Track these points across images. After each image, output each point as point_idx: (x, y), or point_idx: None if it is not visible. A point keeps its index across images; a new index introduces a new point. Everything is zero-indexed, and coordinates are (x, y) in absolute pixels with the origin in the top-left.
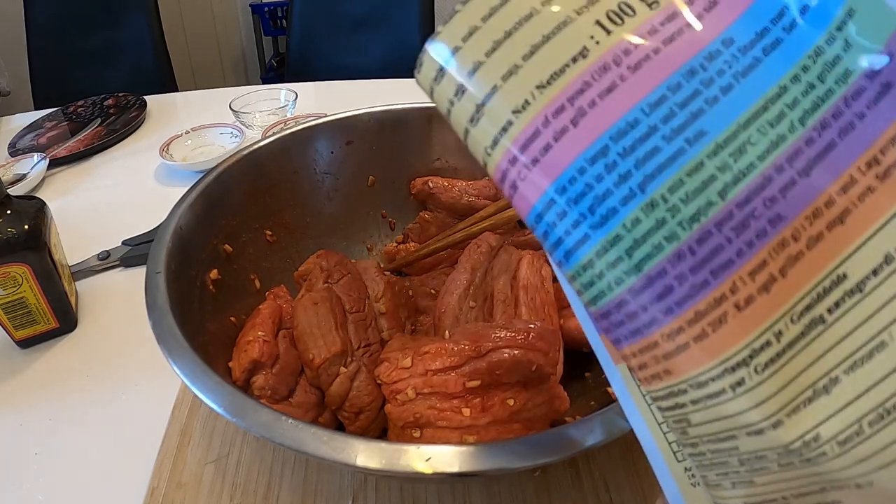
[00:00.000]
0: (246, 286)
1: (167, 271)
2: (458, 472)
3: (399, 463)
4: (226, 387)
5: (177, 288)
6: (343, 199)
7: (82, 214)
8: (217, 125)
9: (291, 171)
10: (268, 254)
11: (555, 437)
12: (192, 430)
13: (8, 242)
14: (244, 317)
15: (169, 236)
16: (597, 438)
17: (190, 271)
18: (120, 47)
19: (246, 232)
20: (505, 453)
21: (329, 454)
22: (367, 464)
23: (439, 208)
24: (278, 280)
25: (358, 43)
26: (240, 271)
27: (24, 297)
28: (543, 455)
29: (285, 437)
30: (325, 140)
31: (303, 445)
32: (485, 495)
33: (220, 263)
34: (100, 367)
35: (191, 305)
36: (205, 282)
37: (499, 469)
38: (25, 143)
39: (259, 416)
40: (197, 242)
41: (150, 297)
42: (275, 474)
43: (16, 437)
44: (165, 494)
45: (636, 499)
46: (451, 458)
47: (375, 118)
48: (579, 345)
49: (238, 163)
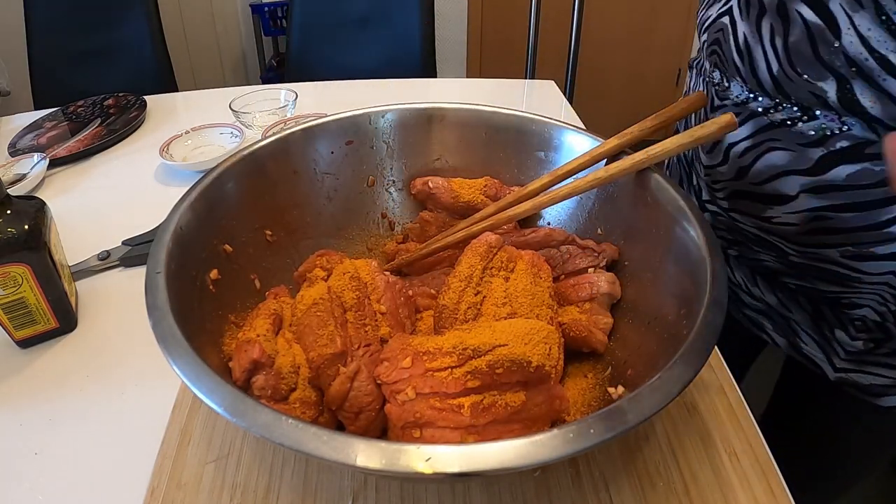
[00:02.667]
0: (246, 286)
1: (167, 271)
2: (458, 472)
3: (399, 463)
4: (226, 387)
5: (177, 288)
6: (343, 199)
7: (82, 214)
8: (217, 125)
9: (291, 172)
10: (268, 254)
11: (555, 438)
12: (192, 430)
13: (8, 242)
14: (244, 316)
15: (169, 236)
16: (597, 438)
17: (190, 271)
18: (120, 47)
19: (246, 232)
20: (505, 453)
21: (329, 454)
22: (367, 464)
23: (439, 208)
24: (278, 280)
25: (358, 43)
26: (240, 271)
27: (24, 297)
28: (543, 455)
29: (285, 436)
30: (324, 140)
31: (302, 445)
32: (485, 495)
33: (221, 263)
34: (100, 367)
35: (191, 305)
36: (205, 282)
37: (499, 469)
38: (25, 143)
39: (259, 416)
40: (197, 242)
41: (150, 298)
42: (275, 474)
43: (16, 437)
44: (165, 494)
45: (636, 499)
46: (451, 458)
47: (375, 118)
48: (579, 345)
49: (238, 163)
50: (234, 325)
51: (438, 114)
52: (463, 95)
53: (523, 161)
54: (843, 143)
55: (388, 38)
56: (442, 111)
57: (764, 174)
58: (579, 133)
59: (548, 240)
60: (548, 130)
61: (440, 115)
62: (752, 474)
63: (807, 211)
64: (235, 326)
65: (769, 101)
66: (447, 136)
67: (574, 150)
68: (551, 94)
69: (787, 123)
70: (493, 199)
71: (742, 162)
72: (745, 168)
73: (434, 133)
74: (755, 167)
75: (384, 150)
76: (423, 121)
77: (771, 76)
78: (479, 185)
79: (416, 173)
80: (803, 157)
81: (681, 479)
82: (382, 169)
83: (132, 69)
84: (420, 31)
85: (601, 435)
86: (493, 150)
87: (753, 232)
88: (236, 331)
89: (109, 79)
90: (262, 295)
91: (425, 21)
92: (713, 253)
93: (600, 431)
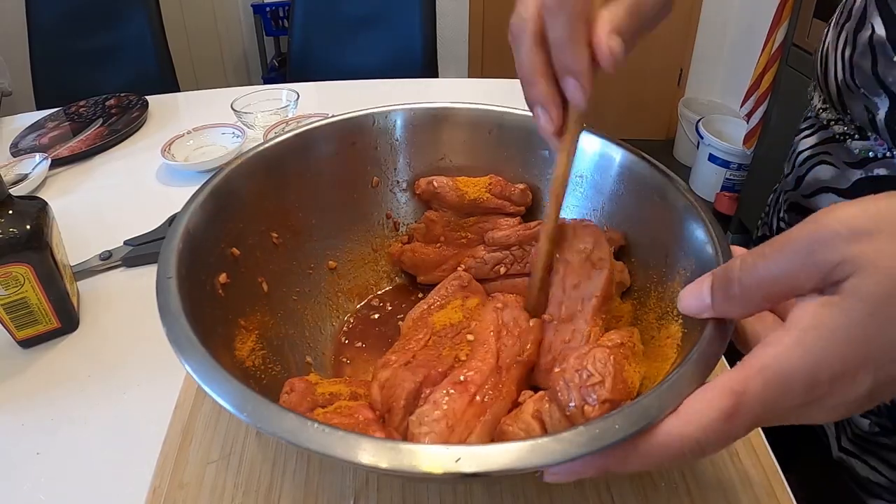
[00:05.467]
0: (254, 289)
1: (178, 275)
2: (469, 472)
3: (405, 462)
4: (245, 391)
5: (187, 292)
6: (347, 200)
7: (84, 214)
8: (219, 125)
9: (295, 173)
10: (274, 257)
11: (561, 441)
12: (194, 430)
13: (10, 242)
14: (254, 320)
15: (178, 239)
16: (602, 442)
17: (199, 275)
18: (121, 47)
19: (253, 235)
20: (511, 454)
21: (335, 452)
22: (377, 463)
23: (445, 207)
24: (286, 283)
25: (359, 43)
26: (247, 274)
27: (26, 297)
28: (551, 457)
29: (311, 441)
30: (328, 141)
31: (327, 449)
32: (486, 496)
33: (229, 267)
34: (101, 367)
35: (202, 309)
36: (214, 285)
37: (506, 470)
38: (27, 144)
39: (283, 421)
40: (206, 246)
41: (161, 300)
42: (276, 474)
43: (17, 437)
44: (167, 494)
45: (637, 499)
46: (457, 458)
47: (380, 118)
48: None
49: (243, 165)
50: (243, 329)
51: (442, 113)
52: (465, 95)
53: (528, 159)
54: (881, 170)
55: (390, 38)
56: (447, 111)
57: (811, 186)
58: (586, 133)
59: None
60: None
61: (444, 115)
62: (753, 475)
63: None
64: (245, 331)
65: (834, 112)
66: (451, 135)
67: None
68: None
69: (841, 138)
70: (498, 197)
71: (800, 171)
72: (801, 178)
73: (440, 133)
74: (807, 178)
75: (388, 150)
76: (427, 120)
77: (836, 85)
78: (483, 183)
79: (420, 173)
80: (844, 176)
81: (682, 480)
82: (386, 169)
83: (134, 69)
84: (421, 31)
85: (608, 439)
86: (499, 150)
87: None
88: (246, 335)
89: (111, 79)
90: (270, 298)
91: (427, 21)
92: (723, 249)
93: (608, 436)
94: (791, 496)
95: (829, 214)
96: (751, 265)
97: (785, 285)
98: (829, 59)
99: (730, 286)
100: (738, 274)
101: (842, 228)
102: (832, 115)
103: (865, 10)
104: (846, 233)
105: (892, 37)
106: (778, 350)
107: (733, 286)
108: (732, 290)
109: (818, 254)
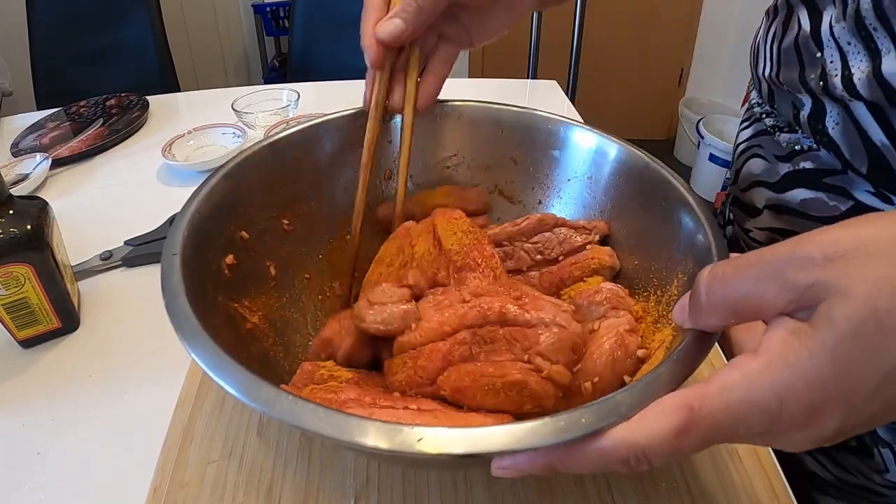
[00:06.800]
0: (261, 272)
1: (182, 254)
2: (461, 453)
3: (405, 444)
4: (240, 369)
5: (192, 270)
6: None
7: (85, 214)
8: (219, 125)
9: (309, 163)
10: (284, 242)
11: (557, 422)
12: (195, 430)
13: (10, 242)
14: (258, 302)
15: (186, 221)
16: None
17: (206, 255)
18: (122, 47)
19: (263, 220)
20: (510, 435)
21: (330, 432)
22: (378, 444)
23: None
24: (294, 268)
25: (360, 43)
26: (256, 258)
27: (27, 297)
28: (546, 437)
29: (314, 423)
30: (342, 132)
31: (328, 430)
32: (487, 495)
33: (237, 249)
34: (102, 367)
35: (205, 288)
36: (220, 266)
37: (502, 451)
38: (28, 144)
39: (280, 401)
40: (213, 228)
41: (165, 277)
42: (277, 474)
43: (18, 438)
44: (168, 494)
45: (638, 498)
46: (453, 439)
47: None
48: None
49: (256, 153)
50: (248, 309)
51: (445, 113)
52: (466, 95)
53: (538, 159)
54: (807, 163)
55: None
56: (458, 108)
57: (746, 181)
58: (594, 133)
59: (541, 225)
60: (563, 130)
61: (448, 113)
62: (754, 475)
63: (768, 230)
64: (249, 311)
65: (767, 105)
66: (457, 133)
67: (581, 147)
68: (554, 93)
69: (772, 131)
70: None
71: (738, 164)
72: (738, 172)
73: (443, 131)
74: (742, 172)
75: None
76: (431, 120)
77: (765, 80)
78: (440, 201)
79: (430, 166)
80: (774, 169)
81: (683, 480)
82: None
83: (134, 69)
84: None
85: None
86: (508, 148)
87: (741, 247)
88: (250, 315)
89: (112, 79)
90: (279, 282)
91: None
92: (718, 240)
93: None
94: (792, 498)
95: (810, 236)
96: (720, 278)
97: (752, 303)
98: (759, 53)
99: (699, 298)
100: (705, 287)
101: (816, 250)
102: (764, 109)
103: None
104: (821, 255)
105: (814, 28)
106: (743, 374)
107: (701, 298)
108: (700, 302)
109: (790, 273)
